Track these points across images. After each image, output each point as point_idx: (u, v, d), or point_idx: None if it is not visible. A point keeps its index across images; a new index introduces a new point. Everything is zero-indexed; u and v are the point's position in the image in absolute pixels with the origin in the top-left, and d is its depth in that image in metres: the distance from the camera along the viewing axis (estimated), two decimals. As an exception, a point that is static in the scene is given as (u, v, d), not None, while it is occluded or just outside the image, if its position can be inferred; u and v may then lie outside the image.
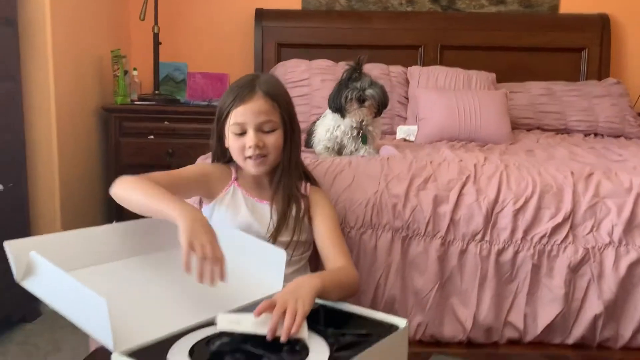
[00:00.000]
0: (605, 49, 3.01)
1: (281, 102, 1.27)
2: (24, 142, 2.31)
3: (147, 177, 1.16)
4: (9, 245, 1.04)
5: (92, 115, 2.80)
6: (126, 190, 1.14)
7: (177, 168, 1.72)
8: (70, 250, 0.99)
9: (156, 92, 3.04)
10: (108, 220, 2.83)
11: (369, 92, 1.72)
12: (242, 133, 1.24)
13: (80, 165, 2.67)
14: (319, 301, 1.02)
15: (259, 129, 1.24)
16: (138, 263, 1.14)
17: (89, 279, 0.91)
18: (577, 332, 1.42)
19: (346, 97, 1.72)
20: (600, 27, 3.00)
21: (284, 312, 0.89)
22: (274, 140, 1.25)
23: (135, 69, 3.00)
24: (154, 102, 2.96)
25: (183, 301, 1.02)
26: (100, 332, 0.89)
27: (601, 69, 3.00)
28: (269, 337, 0.89)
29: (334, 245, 1.25)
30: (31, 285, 1.03)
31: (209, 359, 0.87)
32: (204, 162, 1.34)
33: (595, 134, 2.64)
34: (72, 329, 2.29)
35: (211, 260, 0.98)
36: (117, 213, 2.79)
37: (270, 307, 0.91)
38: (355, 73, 1.75)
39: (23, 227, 2.29)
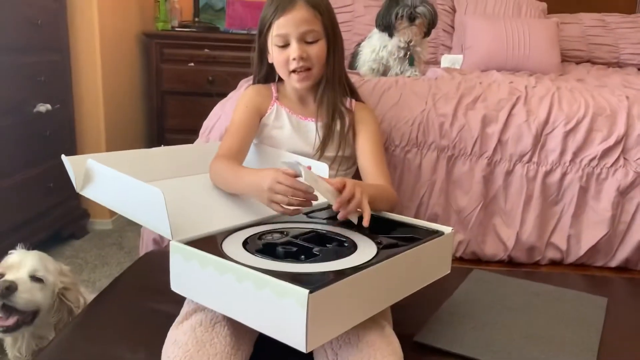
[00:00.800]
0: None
1: (323, 10, 1.23)
2: (69, 62, 2.34)
3: (221, 156, 1.18)
4: (68, 160, 1.10)
5: (133, 40, 2.81)
6: (214, 181, 1.18)
7: (218, 95, 1.74)
8: (123, 167, 1.03)
9: (196, 19, 3.02)
10: (149, 142, 2.90)
11: (420, 9, 1.66)
12: (285, 45, 1.22)
13: (123, 89, 2.71)
14: None
15: (302, 40, 1.21)
16: (188, 181, 1.20)
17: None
18: (621, 255, 1.41)
19: (396, 14, 1.66)
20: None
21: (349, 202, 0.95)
22: (317, 50, 1.22)
23: (175, -5, 2.98)
24: (194, 30, 2.95)
25: (233, 209, 1.06)
26: (159, 223, 0.92)
27: (661, 1, 2.84)
28: (340, 217, 0.96)
29: (376, 165, 1.24)
30: (90, 192, 1.08)
31: (262, 249, 0.90)
32: (244, 93, 1.33)
33: (651, 68, 2.52)
34: (118, 246, 2.42)
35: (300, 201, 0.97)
36: (159, 136, 2.84)
37: (341, 186, 0.95)
38: (406, -11, 1.68)
39: (71, 146, 2.36)
